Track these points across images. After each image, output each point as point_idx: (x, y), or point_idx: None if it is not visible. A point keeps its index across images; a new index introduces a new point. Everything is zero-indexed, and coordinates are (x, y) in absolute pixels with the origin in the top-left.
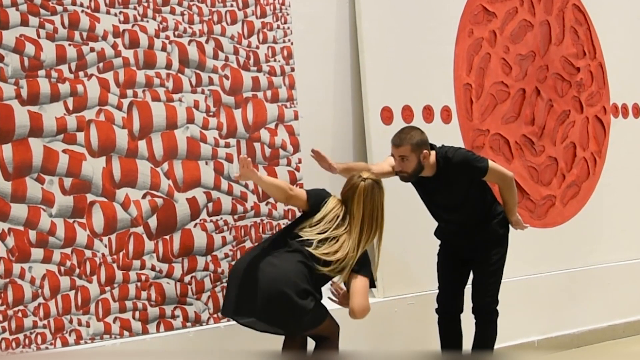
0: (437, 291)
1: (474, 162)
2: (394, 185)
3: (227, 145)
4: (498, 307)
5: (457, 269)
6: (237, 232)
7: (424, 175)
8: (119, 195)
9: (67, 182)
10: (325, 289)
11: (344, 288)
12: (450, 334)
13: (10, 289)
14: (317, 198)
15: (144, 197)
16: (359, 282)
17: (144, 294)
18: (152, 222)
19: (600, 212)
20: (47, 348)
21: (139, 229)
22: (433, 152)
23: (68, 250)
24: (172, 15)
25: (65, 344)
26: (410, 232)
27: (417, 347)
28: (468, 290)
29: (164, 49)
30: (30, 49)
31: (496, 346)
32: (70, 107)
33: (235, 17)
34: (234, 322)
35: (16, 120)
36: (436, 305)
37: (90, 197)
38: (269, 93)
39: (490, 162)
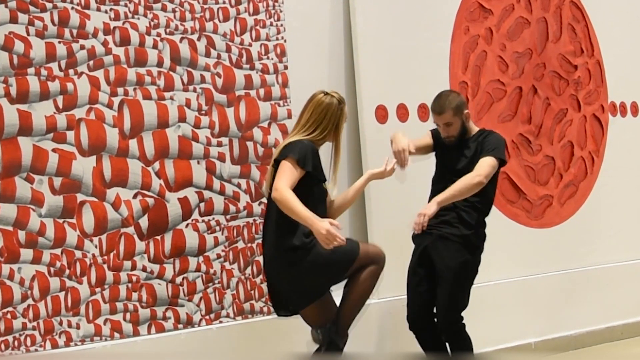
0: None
1: (495, 141)
2: (390, 186)
3: (219, 144)
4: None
5: (425, 282)
6: (230, 232)
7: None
8: (110, 195)
9: (57, 181)
10: None
11: None
12: (430, 346)
13: None
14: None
15: (134, 196)
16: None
17: (134, 295)
18: (143, 222)
19: (598, 212)
20: (36, 350)
21: (130, 229)
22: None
23: (58, 251)
24: (163, 12)
25: (55, 346)
26: (405, 233)
27: (412, 349)
28: None
29: (155, 46)
30: (19, 46)
31: (493, 348)
32: (60, 106)
33: (227, 14)
34: (227, 324)
35: (5, 118)
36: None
37: (80, 197)
38: (261, 91)
39: (493, 160)
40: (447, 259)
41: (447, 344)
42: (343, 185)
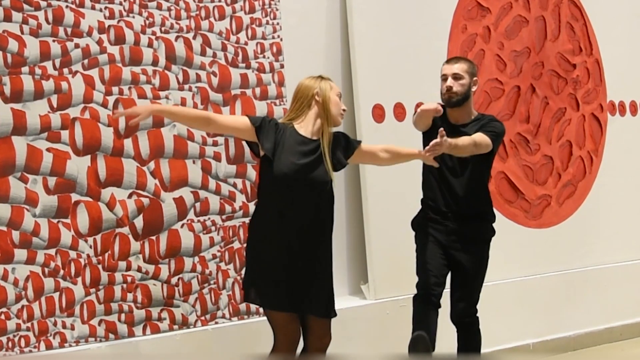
0: (420, 276)
1: (497, 127)
2: (387, 186)
3: (215, 144)
4: (480, 313)
5: (445, 257)
6: (225, 232)
7: (455, 122)
8: (104, 195)
9: (51, 181)
10: None
11: None
12: (431, 324)
13: None
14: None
15: (129, 196)
16: None
17: (129, 296)
18: (138, 222)
19: (597, 212)
20: (30, 351)
21: (125, 230)
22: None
23: (52, 251)
24: (158, 10)
25: (49, 347)
26: (402, 234)
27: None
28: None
29: (150, 45)
30: (13, 45)
31: (491, 349)
32: (55, 105)
33: (223, 13)
34: (222, 325)
35: None
36: (416, 291)
37: (74, 197)
38: (257, 90)
39: (490, 142)
40: (474, 259)
41: (458, 338)
42: (339, 186)
